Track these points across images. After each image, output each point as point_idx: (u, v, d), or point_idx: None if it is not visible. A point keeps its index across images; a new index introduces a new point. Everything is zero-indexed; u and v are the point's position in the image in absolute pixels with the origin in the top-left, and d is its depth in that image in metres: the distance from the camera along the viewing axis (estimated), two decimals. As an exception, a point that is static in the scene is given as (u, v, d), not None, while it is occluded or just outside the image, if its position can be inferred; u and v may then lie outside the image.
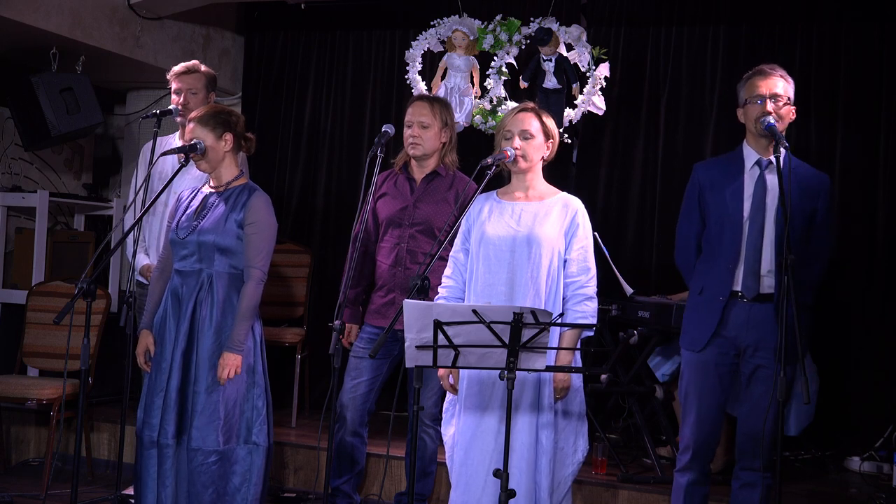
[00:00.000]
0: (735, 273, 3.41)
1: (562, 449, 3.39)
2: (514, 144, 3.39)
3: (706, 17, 5.47)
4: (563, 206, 3.45)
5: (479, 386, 3.39)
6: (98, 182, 6.54)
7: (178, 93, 4.44)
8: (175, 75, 4.45)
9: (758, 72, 3.48)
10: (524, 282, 3.36)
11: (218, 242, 3.63)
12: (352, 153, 6.08)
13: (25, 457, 5.32)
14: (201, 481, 3.57)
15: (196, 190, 3.82)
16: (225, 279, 3.65)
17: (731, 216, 3.43)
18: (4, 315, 5.52)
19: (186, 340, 3.63)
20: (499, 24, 5.15)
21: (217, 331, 3.62)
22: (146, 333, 3.73)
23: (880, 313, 5.14)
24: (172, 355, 3.63)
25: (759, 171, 3.45)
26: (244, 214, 3.65)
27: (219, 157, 3.71)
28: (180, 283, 3.67)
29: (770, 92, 3.42)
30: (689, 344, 3.52)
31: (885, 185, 5.16)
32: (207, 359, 3.61)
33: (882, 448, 4.90)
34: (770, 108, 3.40)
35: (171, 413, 3.59)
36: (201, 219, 3.67)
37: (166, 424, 3.59)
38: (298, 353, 5.40)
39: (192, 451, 3.57)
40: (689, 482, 3.52)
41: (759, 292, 3.39)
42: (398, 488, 4.50)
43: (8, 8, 4.74)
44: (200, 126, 3.67)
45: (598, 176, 5.62)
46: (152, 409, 3.63)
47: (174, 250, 3.72)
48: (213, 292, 3.63)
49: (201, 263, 3.66)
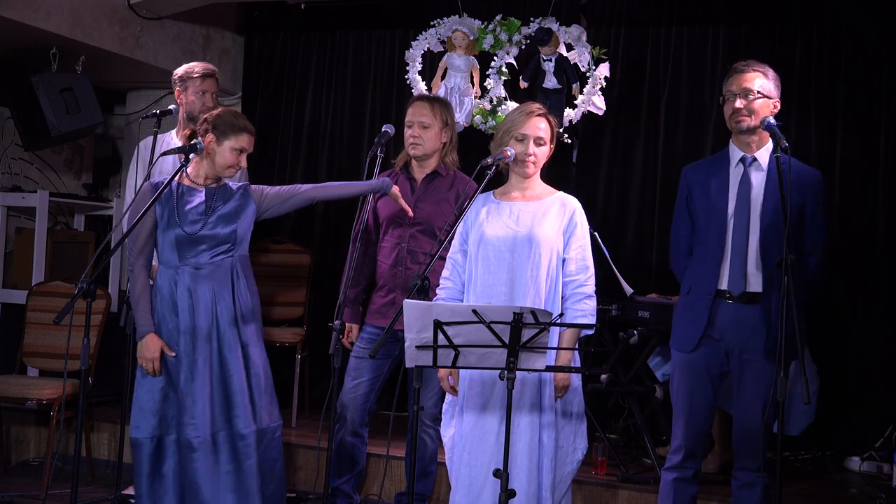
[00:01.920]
0: (721, 270, 3.41)
1: (561, 448, 3.40)
2: (528, 150, 3.40)
3: (706, 17, 5.47)
4: (560, 206, 3.46)
5: (481, 386, 3.39)
6: (98, 182, 6.54)
7: (202, 93, 4.48)
8: (202, 78, 4.49)
9: (733, 69, 3.48)
10: (524, 282, 3.36)
11: (240, 232, 3.73)
12: (352, 153, 6.08)
13: (25, 457, 5.32)
14: (272, 456, 3.73)
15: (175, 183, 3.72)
16: (247, 263, 3.79)
17: (717, 214, 3.43)
18: (4, 315, 5.52)
19: (217, 333, 3.66)
20: (499, 24, 5.15)
21: (254, 311, 3.76)
22: (156, 337, 3.65)
23: (880, 313, 5.14)
24: (210, 350, 3.65)
25: (743, 168, 3.44)
26: (248, 198, 3.78)
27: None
28: (199, 278, 3.66)
29: (740, 88, 3.40)
30: (680, 345, 3.51)
31: (885, 185, 5.16)
32: (256, 341, 3.74)
33: (882, 448, 4.89)
34: (738, 104, 3.39)
35: (220, 407, 3.64)
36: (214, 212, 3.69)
37: (202, 422, 3.60)
38: (298, 353, 5.40)
39: (261, 430, 3.69)
40: (679, 480, 3.51)
41: (746, 290, 3.38)
42: (398, 488, 4.50)
43: (8, 8, 4.74)
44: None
45: (598, 176, 5.62)
46: (194, 410, 3.61)
47: (182, 248, 3.67)
48: (240, 277, 3.74)
49: (224, 254, 3.71)
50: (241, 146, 3.71)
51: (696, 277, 3.48)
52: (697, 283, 3.47)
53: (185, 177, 3.76)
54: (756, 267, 3.38)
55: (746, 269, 3.38)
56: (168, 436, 3.63)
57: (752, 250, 3.38)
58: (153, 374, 3.64)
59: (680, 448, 3.51)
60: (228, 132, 3.69)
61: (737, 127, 3.43)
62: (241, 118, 3.76)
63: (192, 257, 3.68)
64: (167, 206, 3.69)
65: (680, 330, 3.52)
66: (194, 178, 3.77)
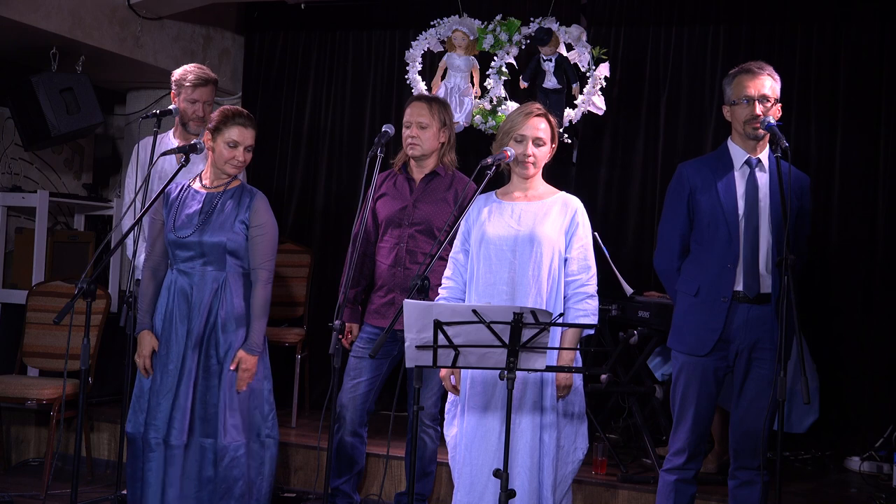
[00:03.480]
0: (735, 273, 3.40)
1: (562, 448, 3.40)
2: (527, 151, 3.40)
3: (706, 17, 5.47)
4: (562, 206, 3.46)
5: (483, 386, 3.39)
6: (98, 182, 6.54)
7: (193, 102, 4.39)
8: (193, 87, 4.39)
9: (745, 70, 3.44)
10: (526, 281, 3.36)
11: (229, 245, 3.68)
12: (352, 153, 6.08)
13: (25, 457, 5.32)
14: (232, 476, 3.65)
15: (184, 186, 3.79)
16: (239, 280, 3.72)
17: (727, 216, 3.40)
18: (4, 315, 5.52)
19: (201, 342, 3.65)
20: (499, 24, 5.15)
21: (237, 331, 3.67)
22: (150, 335, 3.71)
23: (880, 313, 5.13)
24: (183, 357, 3.64)
25: (749, 169, 3.43)
26: (249, 216, 3.71)
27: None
28: (189, 284, 3.68)
29: (759, 93, 3.38)
30: (690, 348, 3.47)
31: (885, 185, 5.16)
32: (231, 359, 3.66)
33: (882, 448, 4.89)
34: (759, 110, 3.37)
35: (181, 415, 3.61)
36: (207, 220, 3.68)
37: (176, 425, 3.60)
38: (298, 353, 5.40)
39: (221, 447, 3.62)
40: (680, 481, 3.50)
41: (760, 292, 3.38)
42: (398, 488, 4.50)
43: (8, 8, 4.74)
44: (254, 130, 3.77)
45: (598, 176, 5.62)
46: (157, 411, 3.63)
47: (174, 251, 3.72)
48: (229, 293, 3.68)
49: (211, 266, 3.68)
50: (233, 139, 3.69)
51: (704, 279, 3.45)
52: (708, 285, 3.43)
53: (197, 180, 3.80)
54: (766, 268, 3.37)
55: (759, 269, 3.37)
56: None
57: (763, 252, 3.37)
58: (143, 371, 3.70)
59: (683, 450, 3.49)
60: (221, 127, 3.71)
61: (753, 133, 3.39)
62: (234, 112, 3.75)
63: (181, 262, 3.71)
64: (171, 209, 3.73)
65: (689, 333, 3.47)
66: (207, 181, 3.78)
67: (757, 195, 3.39)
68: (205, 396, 3.65)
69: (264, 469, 3.76)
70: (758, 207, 3.39)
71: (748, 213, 3.39)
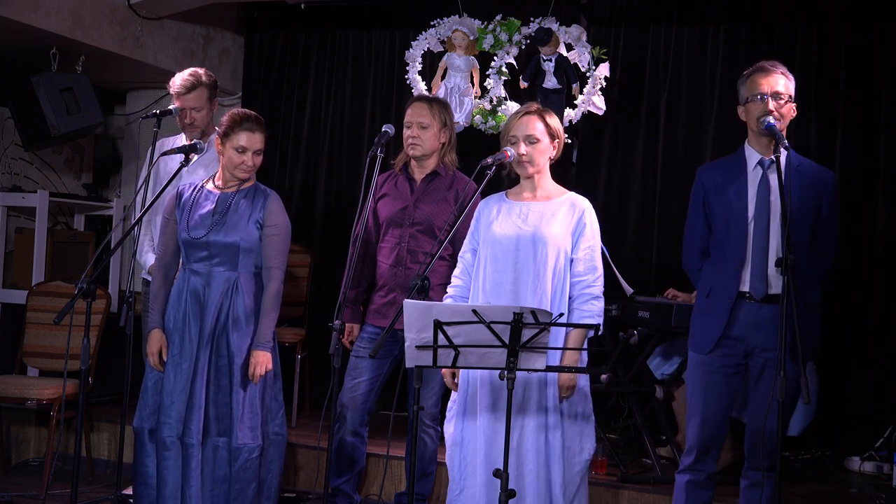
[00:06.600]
0: (742, 274, 3.40)
1: (568, 448, 3.39)
2: (520, 150, 3.40)
3: (706, 17, 5.47)
4: (570, 206, 3.46)
5: (490, 386, 3.38)
6: (98, 182, 6.54)
7: (180, 110, 4.31)
8: (177, 95, 4.30)
9: (759, 69, 3.46)
10: (529, 281, 3.36)
11: (243, 245, 3.70)
12: (352, 153, 6.08)
13: (25, 457, 5.32)
14: (246, 478, 3.66)
15: (197, 187, 3.82)
16: (252, 280, 3.74)
17: (737, 217, 3.41)
18: (4, 315, 5.52)
19: (212, 341, 3.66)
20: (499, 24, 5.16)
21: (248, 330, 3.69)
22: (159, 333, 3.73)
23: (880, 313, 5.13)
24: (196, 356, 3.65)
25: (762, 171, 3.43)
26: (263, 216, 3.74)
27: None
28: (202, 284, 3.69)
29: (772, 90, 3.39)
30: (697, 346, 3.50)
31: (885, 185, 5.16)
32: (242, 358, 3.68)
33: (882, 448, 4.89)
34: (772, 106, 3.37)
35: (198, 413, 3.63)
36: (221, 220, 3.70)
37: (192, 424, 3.62)
38: (298, 353, 5.40)
39: (236, 448, 3.64)
40: (692, 483, 3.51)
41: (768, 293, 3.38)
42: (398, 488, 4.50)
43: (8, 8, 4.74)
44: (262, 134, 3.78)
45: (598, 176, 5.62)
46: (171, 409, 3.64)
47: (187, 251, 3.74)
48: (242, 293, 3.70)
49: (224, 265, 3.70)
50: (241, 144, 3.71)
51: (715, 280, 3.46)
52: (718, 285, 3.45)
53: (210, 181, 3.82)
54: (776, 269, 3.37)
55: (768, 271, 3.37)
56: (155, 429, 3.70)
57: (773, 253, 3.37)
58: (157, 366, 3.72)
59: (692, 449, 3.50)
60: (229, 132, 3.73)
61: (764, 130, 3.39)
62: (242, 117, 3.76)
63: (194, 261, 3.73)
64: (184, 210, 3.75)
65: (698, 332, 3.51)
66: (220, 182, 3.80)
67: (769, 196, 3.39)
68: (216, 395, 3.67)
69: (273, 467, 3.79)
70: (769, 209, 3.38)
71: (758, 214, 3.39)
